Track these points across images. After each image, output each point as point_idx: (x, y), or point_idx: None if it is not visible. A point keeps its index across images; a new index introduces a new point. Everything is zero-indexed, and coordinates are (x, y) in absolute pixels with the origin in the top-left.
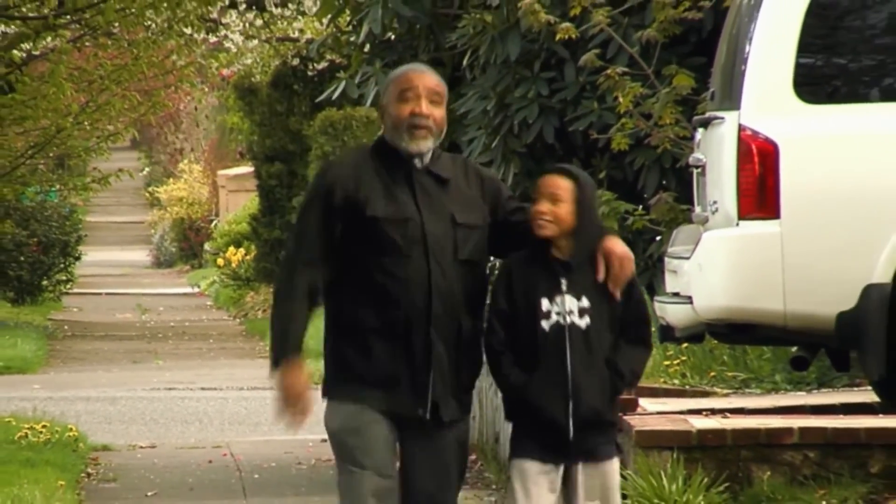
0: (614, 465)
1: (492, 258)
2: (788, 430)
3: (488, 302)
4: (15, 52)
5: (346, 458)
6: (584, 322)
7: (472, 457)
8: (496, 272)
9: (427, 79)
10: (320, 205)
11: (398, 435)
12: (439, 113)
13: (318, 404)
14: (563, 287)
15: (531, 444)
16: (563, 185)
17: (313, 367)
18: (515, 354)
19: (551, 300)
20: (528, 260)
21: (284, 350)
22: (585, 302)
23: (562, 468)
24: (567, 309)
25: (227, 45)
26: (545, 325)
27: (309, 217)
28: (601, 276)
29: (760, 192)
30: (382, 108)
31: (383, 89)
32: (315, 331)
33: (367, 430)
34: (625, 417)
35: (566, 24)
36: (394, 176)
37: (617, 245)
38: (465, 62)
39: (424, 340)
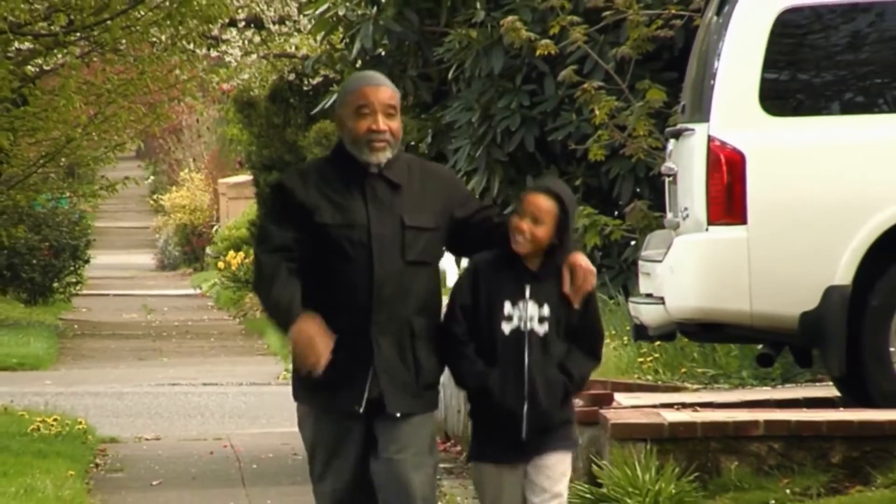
0: (566, 460)
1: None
2: (755, 423)
3: (451, 294)
4: (28, 67)
5: (309, 460)
6: (542, 329)
7: (458, 448)
8: (464, 269)
9: (381, 92)
10: (277, 215)
11: (365, 428)
12: (395, 125)
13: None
14: (527, 294)
15: (489, 448)
16: (545, 208)
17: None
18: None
19: (514, 305)
20: (496, 262)
21: (289, 316)
22: (546, 310)
23: (520, 468)
24: (528, 315)
25: (228, 59)
26: (506, 327)
27: (269, 224)
28: (566, 287)
29: (728, 199)
30: (339, 119)
31: (339, 98)
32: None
33: (319, 432)
34: (601, 411)
35: (546, 41)
36: (348, 182)
37: (582, 260)
38: (451, 75)
39: (366, 341)
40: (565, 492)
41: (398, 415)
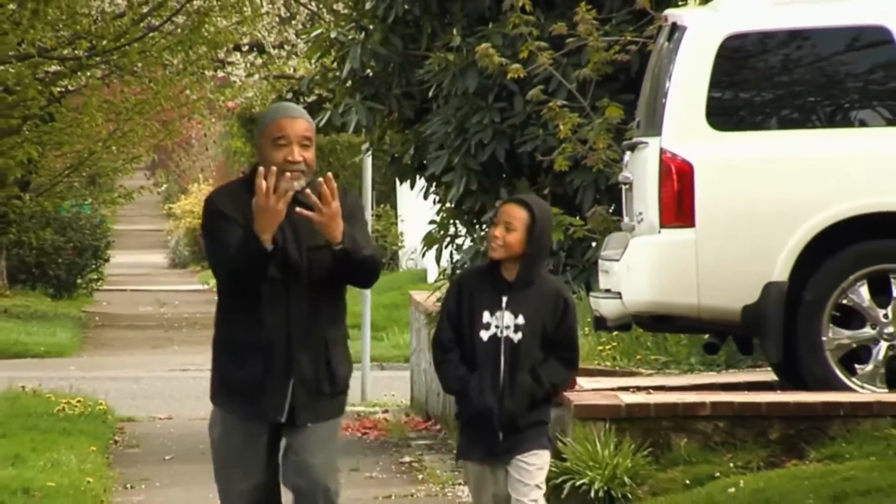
0: (543, 456)
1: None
2: (702, 404)
3: (441, 304)
4: (54, 87)
5: (216, 461)
6: (517, 336)
7: (437, 426)
8: (452, 281)
9: (298, 125)
10: (216, 230)
11: (272, 434)
12: (309, 155)
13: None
14: (504, 304)
15: (471, 448)
16: (517, 216)
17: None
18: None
19: (492, 314)
20: (479, 275)
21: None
22: (521, 319)
23: (501, 466)
24: (504, 323)
25: (233, 80)
26: (483, 335)
27: (206, 240)
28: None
29: (678, 205)
30: (258, 147)
31: (259, 128)
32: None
33: (231, 438)
34: (565, 394)
35: (516, 66)
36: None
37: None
38: (431, 94)
39: (286, 356)
40: (542, 486)
41: (308, 425)
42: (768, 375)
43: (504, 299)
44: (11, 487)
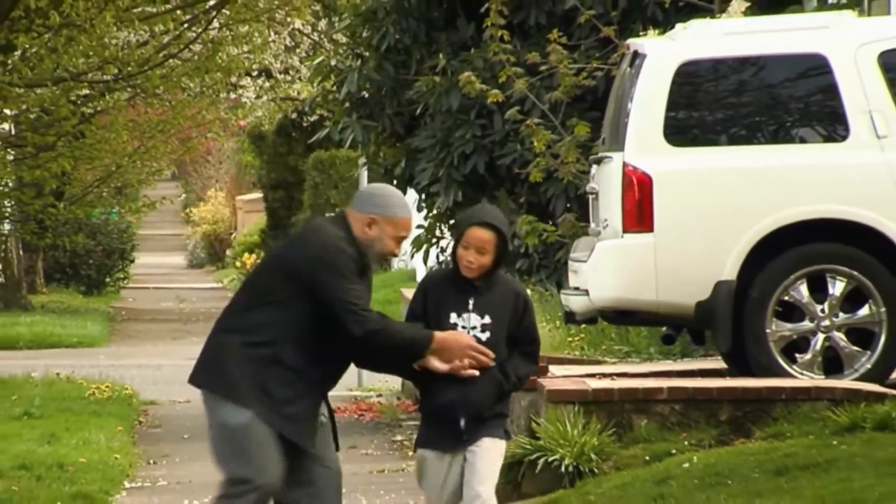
0: (500, 446)
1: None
2: (660, 389)
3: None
4: (85, 108)
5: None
6: (484, 335)
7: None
8: (417, 285)
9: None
10: (351, 276)
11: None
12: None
13: None
14: (470, 306)
15: (432, 436)
16: (487, 239)
17: None
18: None
19: (459, 315)
20: (444, 279)
21: (424, 338)
22: (487, 319)
23: (460, 455)
24: (471, 324)
25: (244, 101)
26: None
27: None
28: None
29: (639, 212)
30: (378, 225)
31: (385, 210)
32: None
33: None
34: (539, 380)
35: (495, 91)
36: (364, 269)
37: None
38: (419, 112)
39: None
40: (496, 475)
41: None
42: (719, 363)
43: (471, 301)
44: (48, 463)
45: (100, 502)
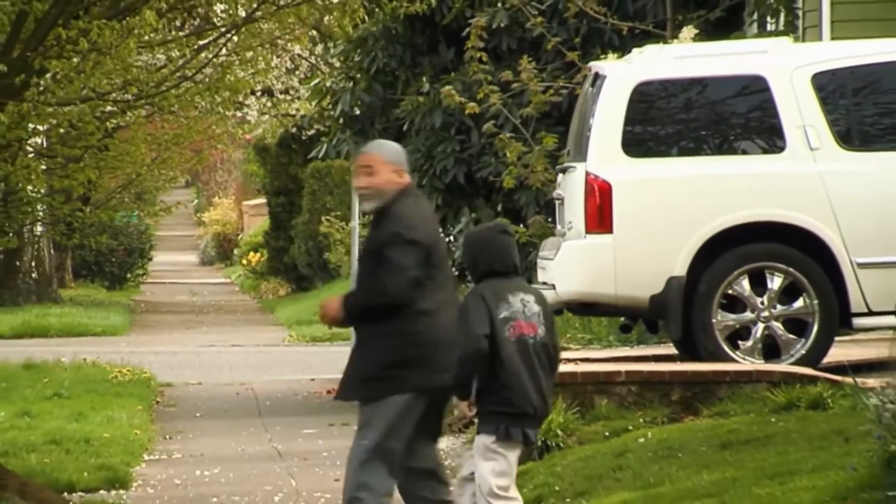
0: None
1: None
2: (618, 373)
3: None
4: (108, 123)
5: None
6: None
7: None
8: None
9: (359, 158)
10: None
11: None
12: (370, 181)
13: None
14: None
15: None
16: None
17: None
18: None
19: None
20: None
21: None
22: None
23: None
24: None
25: (249, 118)
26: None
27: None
28: None
29: (600, 216)
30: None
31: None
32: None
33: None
34: None
35: (472, 104)
36: None
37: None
38: (405, 128)
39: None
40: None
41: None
42: (670, 350)
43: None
44: (75, 438)
45: (122, 473)
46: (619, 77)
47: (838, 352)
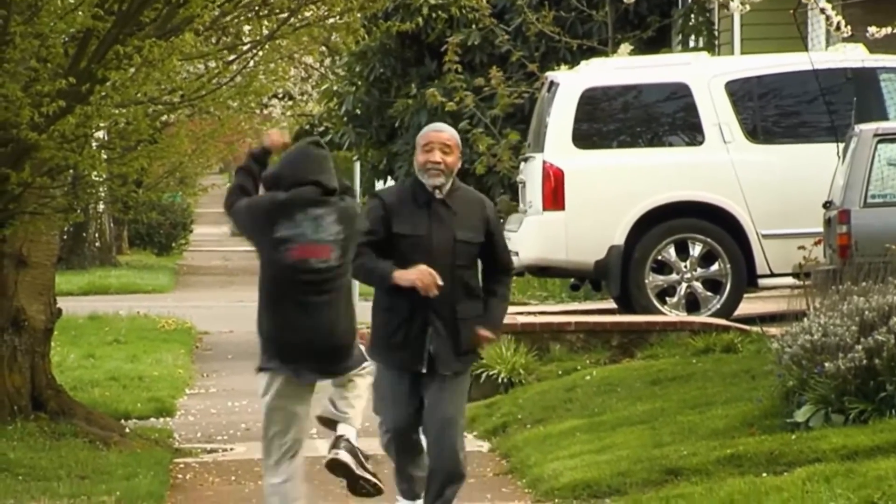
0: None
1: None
2: (569, 323)
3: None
4: (157, 121)
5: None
6: None
7: None
8: None
9: (441, 135)
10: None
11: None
12: (450, 160)
13: None
14: None
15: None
16: None
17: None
18: None
19: None
20: None
21: (385, 272)
22: None
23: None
24: None
25: (273, 116)
26: None
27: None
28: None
29: (554, 196)
30: (415, 157)
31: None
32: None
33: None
34: None
35: (451, 103)
36: (418, 202)
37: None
38: (397, 125)
39: (425, 319)
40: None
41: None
42: (611, 305)
43: None
44: (131, 375)
45: (168, 404)
46: (570, 84)
47: (747, 306)
